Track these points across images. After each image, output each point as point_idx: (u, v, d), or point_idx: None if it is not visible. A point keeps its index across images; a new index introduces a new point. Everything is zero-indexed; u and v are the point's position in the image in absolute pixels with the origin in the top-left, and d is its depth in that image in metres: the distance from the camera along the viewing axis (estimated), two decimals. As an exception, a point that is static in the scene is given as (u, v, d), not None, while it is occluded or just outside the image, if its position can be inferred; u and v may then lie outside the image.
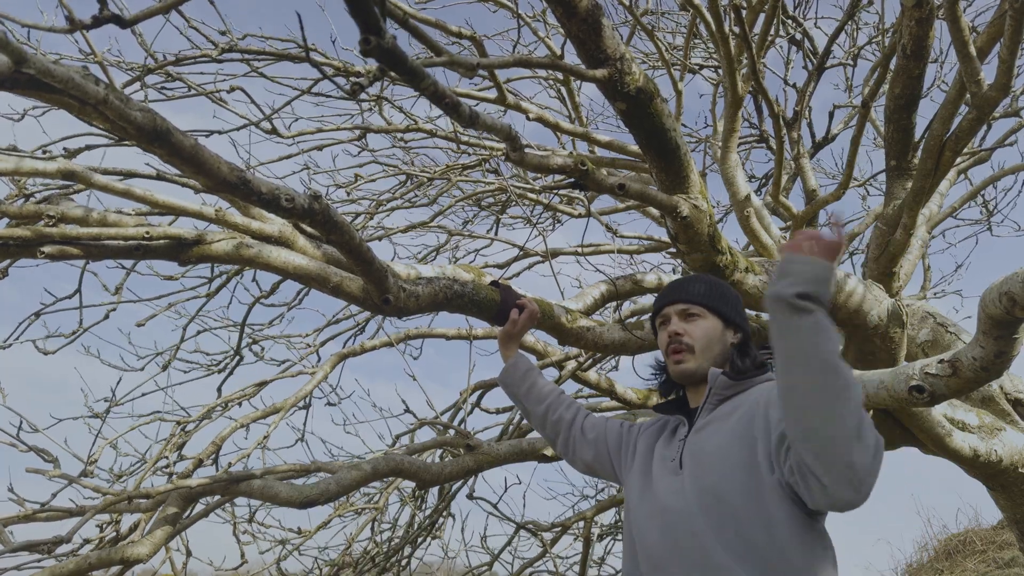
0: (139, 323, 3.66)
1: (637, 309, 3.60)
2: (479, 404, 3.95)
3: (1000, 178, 4.51)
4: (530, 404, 1.87)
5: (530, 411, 1.88)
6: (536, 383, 1.87)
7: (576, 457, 1.78)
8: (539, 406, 1.85)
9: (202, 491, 2.09)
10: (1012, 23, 2.23)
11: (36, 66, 0.92)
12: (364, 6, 0.93)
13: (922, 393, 2.15)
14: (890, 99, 2.84)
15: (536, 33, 4.17)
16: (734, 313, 1.56)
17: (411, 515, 4.37)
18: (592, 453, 1.73)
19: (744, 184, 4.13)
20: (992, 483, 2.95)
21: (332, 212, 1.55)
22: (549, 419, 1.83)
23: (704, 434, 1.42)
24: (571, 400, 1.86)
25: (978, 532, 7.92)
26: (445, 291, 1.98)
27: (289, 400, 3.01)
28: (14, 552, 1.78)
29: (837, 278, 2.79)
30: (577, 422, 1.80)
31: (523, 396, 1.88)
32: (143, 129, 1.12)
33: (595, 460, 1.73)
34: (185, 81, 3.50)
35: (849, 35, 5.18)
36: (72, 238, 1.65)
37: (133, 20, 0.98)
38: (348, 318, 4.63)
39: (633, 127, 2.12)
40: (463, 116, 1.41)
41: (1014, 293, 1.78)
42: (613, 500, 3.70)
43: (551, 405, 1.84)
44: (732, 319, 1.55)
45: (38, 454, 2.47)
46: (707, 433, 1.41)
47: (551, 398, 1.85)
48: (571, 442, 1.79)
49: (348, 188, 4.79)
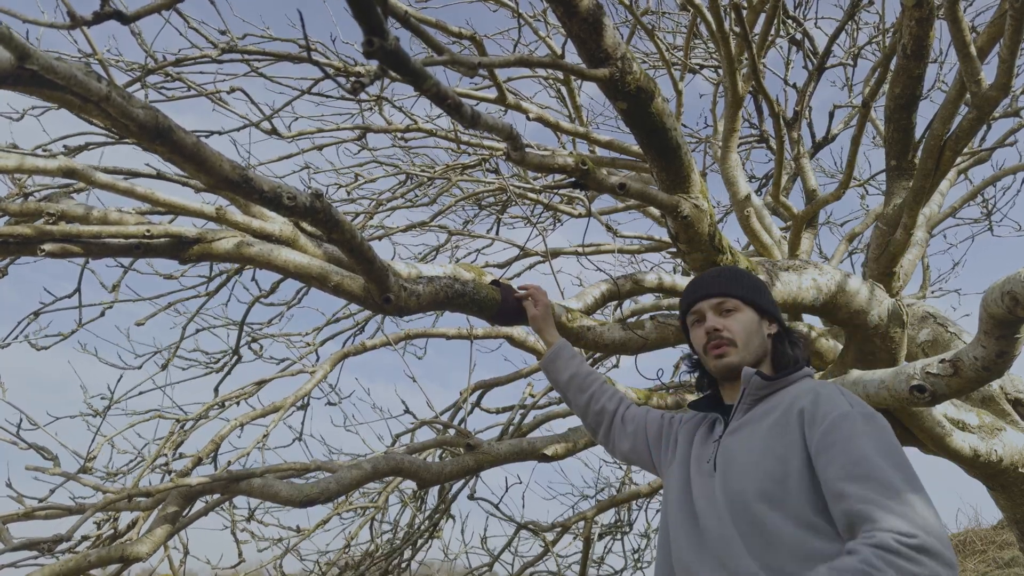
0: (139, 322, 3.66)
1: (638, 308, 3.60)
2: (479, 404, 3.95)
3: (1000, 178, 4.51)
4: (572, 394, 1.86)
5: (572, 400, 1.87)
6: (578, 373, 1.86)
7: (615, 448, 1.78)
8: (581, 395, 1.84)
9: (202, 489, 2.08)
10: (1012, 23, 2.23)
11: (39, 62, 0.92)
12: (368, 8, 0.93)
13: (923, 393, 2.15)
14: (890, 99, 2.84)
15: (536, 33, 4.17)
16: (768, 303, 1.55)
17: (411, 515, 4.37)
18: (629, 444, 1.73)
19: (744, 184, 4.13)
20: (992, 483, 2.95)
21: (333, 211, 1.54)
22: (592, 409, 1.82)
23: (737, 437, 1.41)
24: (614, 390, 1.84)
25: (978, 532, 7.92)
26: (446, 290, 1.98)
27: (288, 399, 3.01)
28: (13, 550, 1.78)
29: (837, 278, 2.79)
30: (619, 413, 1.79)
31: (564, 385, 1.87)
32: (145, 126, 1.12)
33: (632, 451, 1.73)
34: (185, 81, 3.50)
35: (849, 35, 5.19)
36: (73, 236, 1.64)
37: (134, 16, 0.98)
38: (348, 317, 4.63)
39: (634, 127, 2.12)
40: (465, 116, 1.41)
41: (1016, 293, 1.78)
42: (613, 500, 3.69)
43: (594, 395, 1.82)
44: (767, 310, 1.54)
45: (38, 451, 2.46)
46: (741, 436, 1.40)
47: (594, 387, 1.84)
48: (612, 433, 1.78)
49: (348, 188, 4.79)
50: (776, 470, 1.28)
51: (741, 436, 1.40)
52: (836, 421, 1.25)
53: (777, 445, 1.31)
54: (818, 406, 1.30)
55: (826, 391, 1.34)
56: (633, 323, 2.53)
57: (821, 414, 1.28)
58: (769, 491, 1.27)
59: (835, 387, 1.37)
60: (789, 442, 1.29)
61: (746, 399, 1.46)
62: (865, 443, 1.21)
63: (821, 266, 2.84)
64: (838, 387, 1.37)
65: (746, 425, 1.41)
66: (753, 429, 1.39)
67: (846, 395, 1.33)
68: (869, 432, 1.23)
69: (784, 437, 1.31)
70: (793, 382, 1.45)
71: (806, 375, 1.48)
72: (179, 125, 1.18)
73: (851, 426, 1.24)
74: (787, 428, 1.31)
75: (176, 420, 3.33)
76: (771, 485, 1.27)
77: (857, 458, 1.20)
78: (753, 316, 1.52)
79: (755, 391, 1.45)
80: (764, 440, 1.34)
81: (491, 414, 4.02)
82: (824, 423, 1.26)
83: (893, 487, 1.14)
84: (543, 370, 1.95)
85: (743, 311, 1.52)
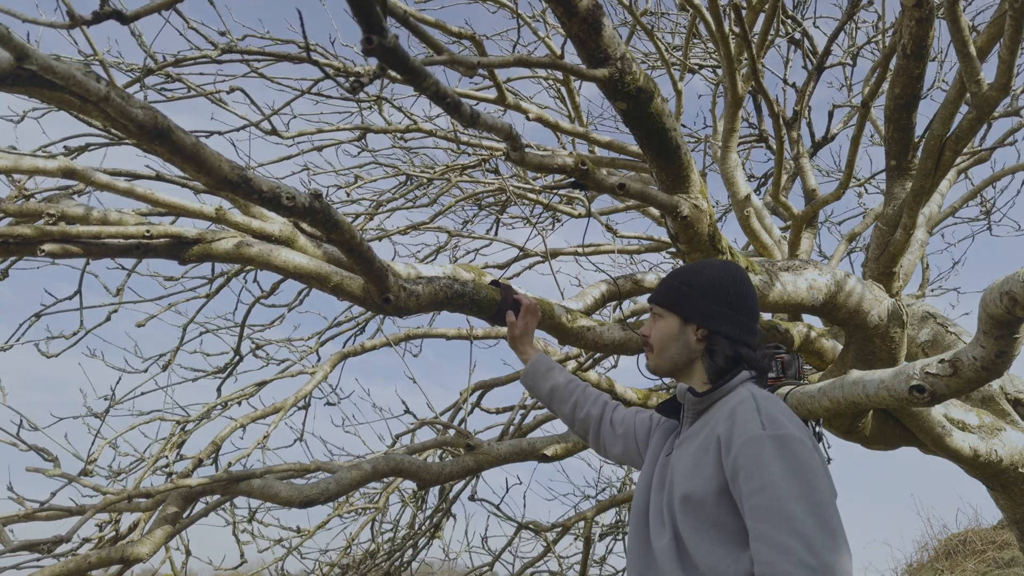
0: (139, 323, 3.66)
1: (637, 309, 3.60)
2: (479, 404, 3.95)
3: (1000, 178, 4.51)
4: (555, 405, 1.86)
5: (557, 411, 1.87)
6: (558, 383, 1.86)
7: (607, 451, 1.79)
8: (565, 405, 1.84)
9: (202, 490, 2.09)
10: (1012, 23, 2.23)
11: (38, 62, 0.92)
12: (366, 6, 0.93)
13: (922, 393, 2.15)
14: (890, 99, 2.84)
15: (536, 33, 4.17)
16: (692, 311, 1.48)
17: (412, 516, 4.37)
18: (620, 447, 1.74)
19: (744, 184, 4.14)
20: (992, 483, 2.95)
21: (332, 211, 1.54)
22: (577, 417, 1.82)
23: (678, 453, 1.43)
24: (597, 394, 1.85)
25: (978, 532, 7.92)
26: (445, 290, 1.98)
27: (289, 400, 3.01)
28: (14, 551, 1.78)
29: (837, 277, 2.79)
30: (606, 417, 1.79)
31: (547, 398, 1.88)
32: (144, 127, 1.12)
33: (624, 454, 1.74)
34: (184, 82, 3.50)
35: (848, 35, 5.19)
36: (73, 236, 1.64)
37: (134, 16, 0.98)
38: (348, 320, 4.63)
39: (633, 127, 2.12)
40: (464, 116, 1.41)
41: (1015, 293, 1.78)
42: (613, 500, 3.69)
43: (577, 403, 1.83)
44: (690, 318, 1.48)
45: (38, 453, 2.47)
46: (680, 453, 1.43)
47: (576, 395, 1.83)
48: (601, 438, 1.79)
49: (348, 188, 4.79)
50: (696, 491, 1.30)
51: (680, 452, 1.42)
52: (743, 447, 1.24)
53: (699, 467, 1.32)
54: (733, 430, 1.29)
55: (743, 411, 1.31)
56: (633, 323, 2.53)
57: (735, 439, 1.27)
58: (691, 511, 1.30)
59: (753, 405, 1.32)
60: (708, 465, 1.30)
61: (687, 414, 1.48)
62: (771, 469, 1.20)
63: (821, 266, 2.85)
64: (757, 404, 1.32)
65: (686, 441, 1.43)
66: (688, 447, 1.40)
67: (763, 413, 1.29)
68: (778, 456, 1.21)
69: (704, 459, 1.32)
70: (727, 392, 1.42)
71: (740, 382, 1.43)
72: (178, 125, 1.18)
73: (759, 451, 1.22)
74: (708, 452, 1.32)
75: (176, 421, 3.33)
76: (691, 506, 1.30)
77: (760, 485, 1.20)
78: (673, 323, 1.50)
79: (692, 407, 1.46)
80: (693, 459, 1.36)
81: (491, 414, 4.02)
82: (734, 448, 1.26)
83: (792, 519, 1.15)
84: (526, 388, 1.95)
85: (665, 318, 1.52)
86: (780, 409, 1.32)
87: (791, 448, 1.22)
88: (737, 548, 1.24)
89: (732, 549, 1.24)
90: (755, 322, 1.51)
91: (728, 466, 1.26)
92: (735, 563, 1.23)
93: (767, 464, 1.21)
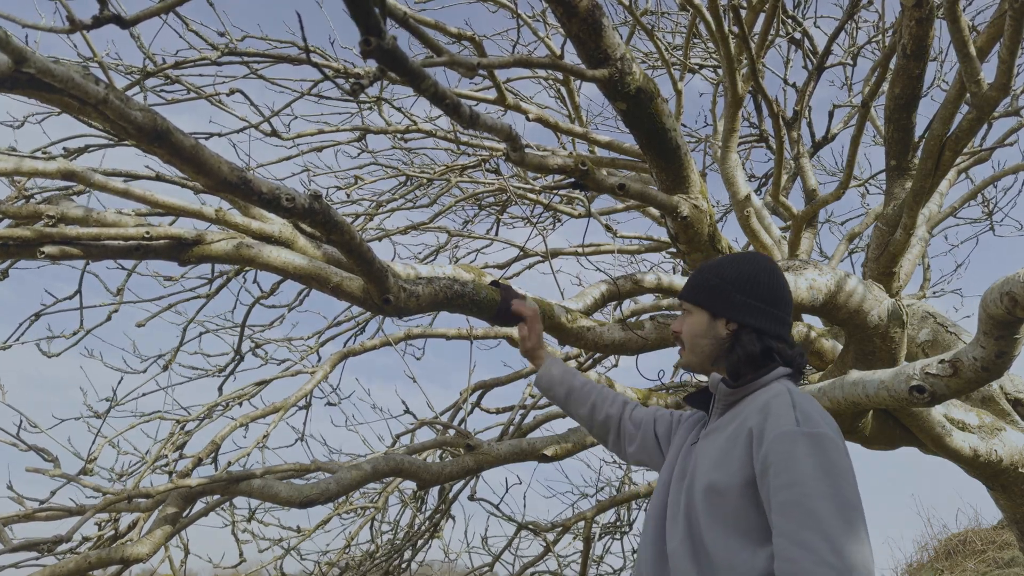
0: (139, 323, 3.66)
1: (637, 309, 3.60)
2: (479, 404, 3.95)
3: (1000, 177, 4.50)
4: (572, 408, 1.85)
5: (575, 414, 1.86)
6: (574, 386, 1.84)
7: (625, 452, 1.77)
8: (583, 408, 1.82)
9: (202, 490, 2.09)
10: (1012, 23, 2.23)
11: (36, 65, 0.92)
12: (364, 7, 0.93)
13: (922, 393, 2.15)
14: (890, 99, 2.84)
15: (536, 33, 4.16)
16: (721, 305, 1.47)
17: (412, 516, 4.37)
18: (637, 446, 1.72)
19: (744, 184, 4.13)
20: (992, 483, 2.95)
21: (332, 212, 1.55)
22: (596, 419, 1.80)
23: (705, 443, 1.41)
24: (615, 394, 1.83)
25: (978, 532, 7.92)
26: (445, 291, 1.98)
27: (289, 399, 3.02)
28: (14, 551, 1.78)
29: (837, 277, 2.79)
30: (624, 417, 1.77)
31: (564, 402, 1.86)
32: (143, 129, 1.12)
33: (640, 451, 1.72)
34: (184, 84, 3.50)
35: (849, 34, 5.18)
36: (72, 238, 1.64)
37: (133, 20, 0.98)
38: (348, 320, 4.64)
39: (633, 127, 2.12)
40: (464, 117, 1.41)
41: (1015, 293, 1.78)
42: (613, 500, 3.69)
43: (596, 405, 1.81)
44: (720, 312, 1.47)
45: (38, 453, 2.47)
46: (708, 443, 1.40)
47: (594, 396, 1.82)
48: (621, 440, 1.77)
49: (348, 189, 4.79)
50: (720, 482, 1.28)
51: (708, 443, 1.40)
52: (776, 441, 1.22)
53: (727, 459, 1.31)
54: (766, 424, 1.27)
55: (778, 404, 1.29)
56: (633, 323, 2.53)
57: (767, 433, 1.25)
58: (712, 502, 1.28)
59: (788, 400, 1.30)
60: (736, 458, 1.29)
61: (717, 404, 1.46)
62: (802, 466, 1.18)
63: (821, 266, 2.84)
64: (792, 399, 1.30)
65: (714, 432, 1.41)
66: (716, 438, 1.39)
67: (799, 409, 1.27)
68: (810, 453, 1.19)
69: (733, 451, 1.30)
70: (761, 386, 1.40)
71: (776, 377, 1.41)
72: (177, 127, 1.18)
73: (790, 447, 1.20)
74: (736, 443, 1.30)
75: (176, 421, 3.33)
76: (714, 496, 1.28)
77: (789, 481, 1.18)
78: (702, 318, 1.49)
79: (724, 398, 1.44)
80: (721, 450, 1.34)
81: (491, 414, 4.02)
82: (766, 442, 1.24)
83: (819, 518, 1.13)
84: (540, 391, 1.93)
85: (694, 314, 1.51)
86: (815, 407, 1.30)
87: (824, 447, 1.20)
88: (754, 544, 1.22)
89: (749, 544, 1.22)
90: (788, 314, 1.47)
91: (759, 460, 1.24)
92: (751, 558, 1.21)
93: (799, 460, 1.19)
